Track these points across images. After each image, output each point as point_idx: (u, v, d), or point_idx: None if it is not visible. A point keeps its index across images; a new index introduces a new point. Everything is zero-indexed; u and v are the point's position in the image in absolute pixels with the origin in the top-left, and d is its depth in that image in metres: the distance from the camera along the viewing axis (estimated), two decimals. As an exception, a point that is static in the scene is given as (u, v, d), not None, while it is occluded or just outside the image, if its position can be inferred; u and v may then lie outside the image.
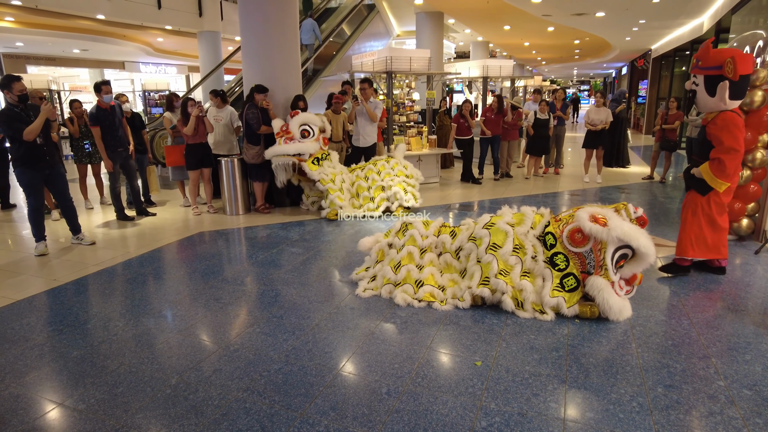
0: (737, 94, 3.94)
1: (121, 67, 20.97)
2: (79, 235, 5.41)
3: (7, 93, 4.74)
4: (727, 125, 3.93)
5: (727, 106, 3.98)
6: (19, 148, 4.83)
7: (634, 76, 23.43)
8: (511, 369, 2.86)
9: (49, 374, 2.87)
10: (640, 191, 8.04)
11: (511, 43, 18.29)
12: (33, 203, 5.03)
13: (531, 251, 3.69)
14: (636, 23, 12.58)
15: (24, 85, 4.84)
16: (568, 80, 47.23)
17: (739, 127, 3.92)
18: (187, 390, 2.68)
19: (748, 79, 4.06)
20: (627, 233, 3.32)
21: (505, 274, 3.54)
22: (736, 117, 3.95)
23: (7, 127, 4.77)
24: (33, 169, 4.91)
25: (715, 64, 3.93)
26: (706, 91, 4.01)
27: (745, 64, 3.86)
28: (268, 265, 4.69)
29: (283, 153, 6.32)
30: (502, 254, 3.59)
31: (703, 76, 4.02)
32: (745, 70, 3.88)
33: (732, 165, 3.95)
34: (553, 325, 3.41)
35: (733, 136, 3.91)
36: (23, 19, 12.81)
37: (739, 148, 3.91)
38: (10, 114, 4.76)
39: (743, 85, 3.96)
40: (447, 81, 14.95)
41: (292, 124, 6.38)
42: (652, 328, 3.35)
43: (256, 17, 6.63)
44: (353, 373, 2.83)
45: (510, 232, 3.67)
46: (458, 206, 7.15)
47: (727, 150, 3.92)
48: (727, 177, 3.99)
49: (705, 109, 4.13)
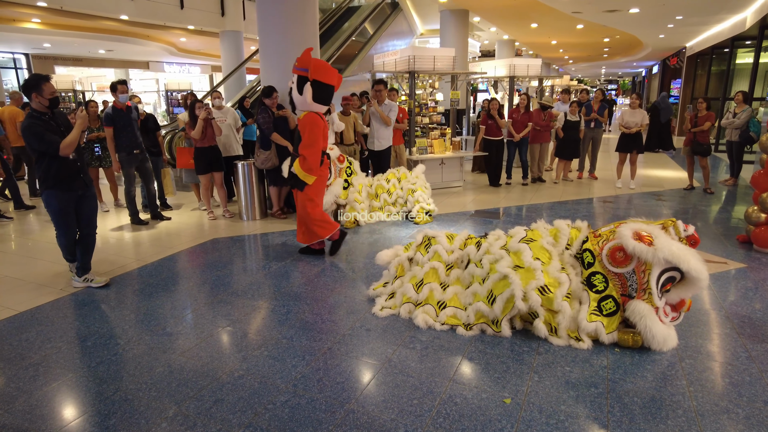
0: (320, 98, 4.57)
1: (145, 67, 21.15)
2: (87, 275, 4.30)
3: (35, 96, 3.81)
4: (309, 124, 4.53)
5: (311, 107, 4.59)
6: (51, 166, 3.88)
7: (666, 75, 22.54)
8: (544, 409, 2.53)
9: (40, 400, 2.66)
10: (678, 199, 7.55)
11: (537, 41, 17.76)
12: (64, 233, 4.13)
13: (573, 272, 3.33)
14: (672, 19, 11.97)
15: (54, 86, 3.97)
16: (595, 79, 46.07)
17: (317, 127, 4.54)
18: (185, 424, 2.44)
19: (330, 89, 4.61)
20: (676, 254, 2.94)
21: (546, 292, 3.18)
22: (316, 117, 4.58)
23: (39, 141, 3.77)
24: (67, 190, 3.99)
25: (303, 66, 4.51)
26: (298, 90, 4.55)
27: (324, 73, 4.50)
28: (281, 277, 4.44)
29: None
30: (551, 270, 3.24)
31: (297, 76, 4.56)
32: (322, 78, 4.49)
33: (312, 159, 4.55)
34: (590, 354, 3.07)
35: (312, 135, 4.52)
36: (49, 21, 12.92)
37: (315, 145, 4.54)
38: (41, 124, 3.81)
39: (325, 93, 4.57)
40: (471, 80, 14.55)
41: None
42: (704, 362, 2.98)
43: (274, 14, 6.41)
44: (367, 409, 2.54)
45: (554, 252, 3.31)
46: (483, 213, 6.80)
47: (306, 146, 4.53)
48: (310, 170, 4.59)
49: (297, 106, 4.70)
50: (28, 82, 3.84)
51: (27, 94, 3.84)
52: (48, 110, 3.90)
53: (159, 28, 14.81)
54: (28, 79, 3.88)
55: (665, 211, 6.75)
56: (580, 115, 8.70)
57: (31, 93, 3.81)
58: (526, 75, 11.27)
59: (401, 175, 6.58)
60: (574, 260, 3.39)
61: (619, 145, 8.32)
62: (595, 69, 32.48)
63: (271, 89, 6.14)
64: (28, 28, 12.97)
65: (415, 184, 6.44)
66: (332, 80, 4.63)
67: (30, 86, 3.81)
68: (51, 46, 15.76)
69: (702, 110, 7.64)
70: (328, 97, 4.68)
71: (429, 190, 6.56)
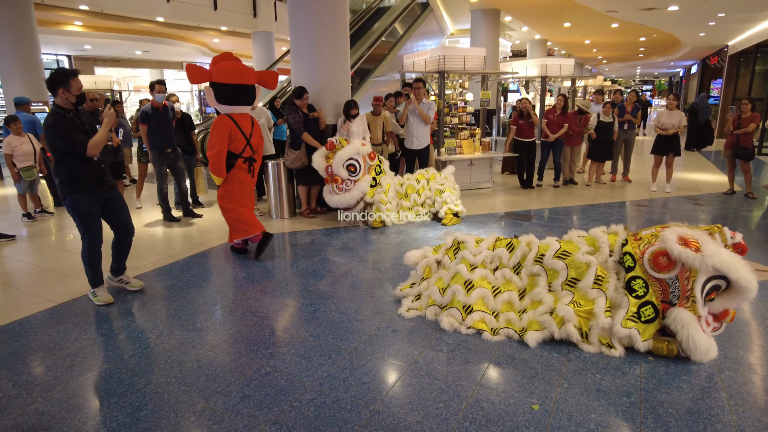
0: (228, 99, 4.60)
1: (179, 67, 21.70)
2: (122, 276, 4.15)
3: (62, 92, 3.51)
4: (213, 127, 4.59)
5: (221, 109, 4.66)
6: (74, 168, 3.60)
7: (706, 75, 21.75)
8: (573, 416, 2.47)
9: (76, 389, 2.75)
10: (718, 203, 7.27)
11: (570, 41, 17.41)
12: (92, 240, 3.77)
13: (614, 279, 3.23)
14: (713, 17, 11.54)
15: (81, 82, 3.68)
16: (629, 80, 44.86)
17: (220, 129, 4.56)
18: (212, 419, 2.47)
19: (235, 89, 4.60)
20: (725, 262, 2.81)
21: (578, 306, 3.13)
22: (224, 120, 4.61)
23: (65, 141, 3.49)
24: (92, 193, 3.71)
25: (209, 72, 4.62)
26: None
27: (221, 74, 4.52)
28: (309, 276, 4.47)
29: (347, 204, 5.97)
30: (581, 287, 3.19)
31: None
32: (220, 79, 4.52)
33: (215, 161, 4.58)
34: (622, 362, 2.97)
35: (214, 138, 4.55)
36: (90, 23, 13.40)
37: (217, 147, 4.54)
38: (66, 122, 3.52)
39: (231, 93, 4.59)
40: (502, 80, 14.37)
41: (336, 166, 5.85)
42: (746, 374, 2.85)
43: (305, 15, 6.46)
44: (392, 410, 2.53)
45: (594, 262, 3.22)
46: (512, 215, 6.69)
47: (208, 148, 4.58)
48: (216, 171, 4.64)
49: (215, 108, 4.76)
50: (54, 77, 3.51)
51: (53, 90, 3.52)
52: (73, 107, 3.63)
53: (193, 30, 15.17)
54: (55, 73, 3.53)
55: (703, 215, 6.51)
56: (613, 116, 8.47)
57: (57, 88, 3.50)
58: (559, 75, 11.05)
59: (430, 176, 6.55)
60: (618, 266, 3.28)
61: (655, 147, 8.05)
62: (629, 69, 31.65)
63: (302, 90, 6.20)
64: (71, 30, 13.49)
65: (443, 185, 6.39)
66: (233, 79, 4.57)
67: (57, 81, 3.49)
68: (91, 47, 16.34)
69: (746, 111, 7.32)
70: (238, 96, 4.65)
71: (458, 191, 6.50)
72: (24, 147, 6.32)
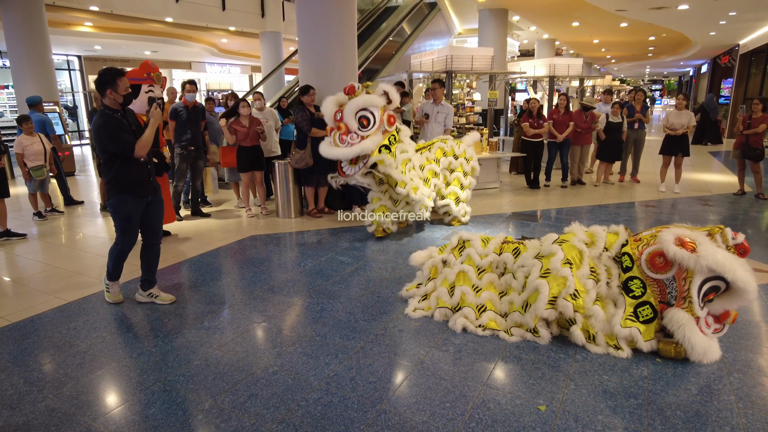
0: None
1: (188, 67, 21.81)
2: (152, 290, 3.96)
3: (110, 93, 3.44)
4: None
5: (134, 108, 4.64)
6: (123, 170, 3.54)
7: (716, 74, 21.53)
8: (580, 417, 2.46)
9: (86, 387, 2.78)
10: (727, 204, 7.21)
11: (579, 40, 17.32)
12: (126, 243, 3.74)
13: (605, 276, 3.24)
14: (724, 16, 11.44)
15: (128, 81, 3.58)
16: (638, 79, 44.53)
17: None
18: (220, 417, 2.50)
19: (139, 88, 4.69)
20: (720, 263, 2.79)
21: (576, 297, 3.11)
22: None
23: (114, 142, 3.44)
24: (137, 195, 3.64)
25: None
26: None
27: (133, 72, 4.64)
28: (316, 275, 4.49)
29: (341, 157, 5.01)
30: (580, 275, 3.17)
31: None
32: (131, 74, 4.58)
33: None
34: (629, 363, 2.96)
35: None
36: (100, 24, 13.52)
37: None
38: (114, 122, 3.46)
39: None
40: (510, 80, 14.32)
41: (347, 113, 4.93)
42: (755, 377, 2.83)
43: (313, 15, 6.48)
44: (399, 410, 2.53)
45: (586, 251, 3.23)
46: (519, 215, 6.68)
47: None
48: None
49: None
50: (103, 78, 3.44)
51: (101, 91, 3.46)
52: (120, 107, 3.55)
53: (201, 30, 15.26)
54: (103, 73, 3.46)
55: (712, 216, 6.46)
56: (622, 116, 8.42)
57: (106, 89, 3.43)
58: (567, 75, 11.02)
59: (449, 149, 5.79)
60: (612, 262, 3.28)
61: (664, 147, 8.00)
62: (638, 68, 31.43)
63: (308, 87, 6.24)
64: (81, 31, 13.62)
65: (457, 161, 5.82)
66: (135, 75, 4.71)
67: (105, 82, 3.42)
68: (101, 48, 16.48)
69: (757, 111, 7.24)
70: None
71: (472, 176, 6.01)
72: (35, 147, 6.39)
